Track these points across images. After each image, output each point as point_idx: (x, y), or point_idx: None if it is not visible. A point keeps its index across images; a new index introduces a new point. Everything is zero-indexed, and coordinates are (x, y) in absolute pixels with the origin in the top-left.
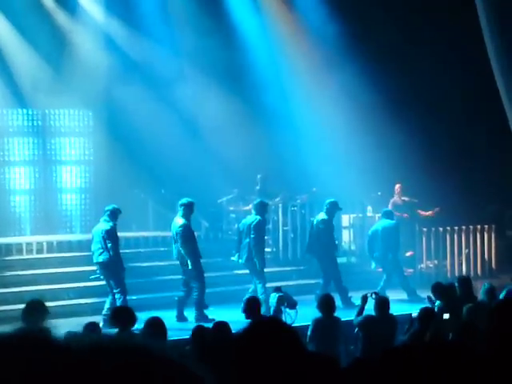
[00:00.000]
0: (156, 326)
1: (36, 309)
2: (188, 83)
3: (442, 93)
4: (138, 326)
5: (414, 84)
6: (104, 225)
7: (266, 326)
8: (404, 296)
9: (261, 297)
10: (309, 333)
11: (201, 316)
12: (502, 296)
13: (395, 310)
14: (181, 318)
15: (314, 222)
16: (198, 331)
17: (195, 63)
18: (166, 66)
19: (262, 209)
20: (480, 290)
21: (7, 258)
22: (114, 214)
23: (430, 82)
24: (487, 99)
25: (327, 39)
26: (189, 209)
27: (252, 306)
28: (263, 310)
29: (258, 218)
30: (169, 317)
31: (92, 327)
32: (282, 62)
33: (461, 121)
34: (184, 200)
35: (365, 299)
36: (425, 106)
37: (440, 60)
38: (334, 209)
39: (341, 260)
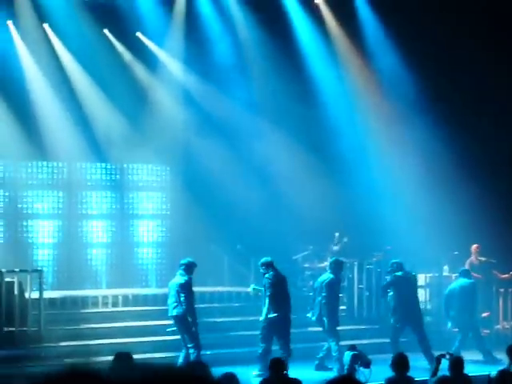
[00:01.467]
0: (230, 382)
1: (123, 360)
2: (264, 138)
3: None
4: None
5: (489, 146)
6: (179, 278)
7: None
8: (479, 357)
9: (334, 354)
10: None
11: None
12: None
13: (470, 370)
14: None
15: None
16: None
17: (271, 117)
18: (243, 120)
19: (336, 267)
20: None
21: (83, 311)
22: (190, 268)
23: (504, 144)
24: None
25: (401, 94)
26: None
27: (274, 366)
28: (336, 368)
29: (331, 276)
30: (242, 372)
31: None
32: (357, 115)
33: None
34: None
35: (439, 360)
36: (502, 167)
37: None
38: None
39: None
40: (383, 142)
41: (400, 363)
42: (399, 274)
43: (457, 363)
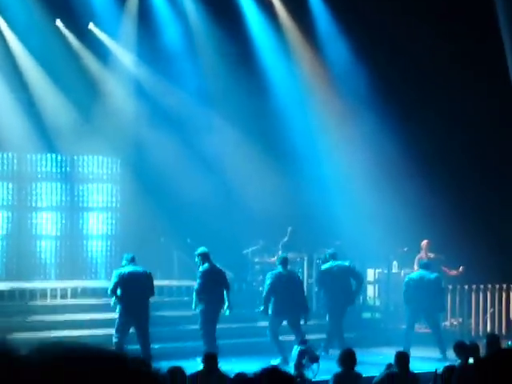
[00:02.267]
0: (176, 376)
1: None
2: (215, 130)
3: (469, 150)
4: None
5: (438, 141)
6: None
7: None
8: (429, 353)
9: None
10: None
11: None
12: None
13: (417, 367)
14: None
15: None
16: None
17: (222, 110)
18: (194, 113)
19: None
20: None
21: (31, 303)
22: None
23: (454, 139)
24: None
25: (352, 88)
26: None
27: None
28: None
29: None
30: (191, 366)
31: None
32: (308, 109)
33: (490, 180)
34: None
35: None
36: (451, 162)
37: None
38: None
39: (365, 315)
40: (333, 136)
41: (347, 359)
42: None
43: (402, 358)
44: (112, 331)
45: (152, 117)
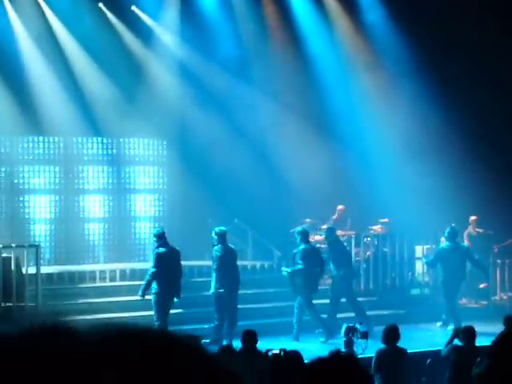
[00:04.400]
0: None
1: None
2: (259, 109)
3: None
4: None
5: (486, 120)
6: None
7: (341, 365)
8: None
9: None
10: (372, 364)
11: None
12: None
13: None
14: None
15: None
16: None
17: (268, 90)
18: (238, 92)
19: (303, 236)
20: None
21: (81, 286)
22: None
23: (502, 118)
24: None
25: (396, 60)
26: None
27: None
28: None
29: (304, 246)
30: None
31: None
32: (351, 83)
33: None
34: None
35: (457, 332)
36: (503, 141)
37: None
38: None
39: (414, 291)
40: (376, 108)
41: (390, 335)
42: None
43: (468, 332)
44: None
45: (196, 97)
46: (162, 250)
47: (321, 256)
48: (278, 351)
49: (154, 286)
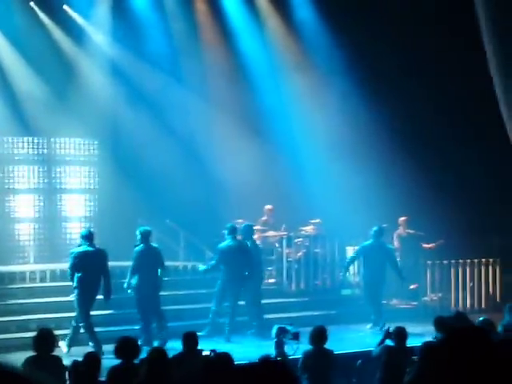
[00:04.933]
0: (158, 357)
1: (45, 338)
2: (191, 109)
3: (453, 127)
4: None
5: (419, 117)
6: None
7: (270, 370)
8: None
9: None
10: (299, 365)
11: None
12: (499, 330)
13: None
14: None
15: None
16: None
17: (199, 90)
18: (170, 92)
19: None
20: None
21: (10, 287)
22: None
23: (434, 116)
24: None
25: (326, 58)
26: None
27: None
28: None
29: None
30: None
31: (92, 356)
32: (283, 83)
33: (469, 155)
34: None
35: (387, 332)
36: (432, 141)
37: (447, 94)
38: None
39: (345, 292)
40: (308, 106)
41: (317, 336)
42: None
43: (400, 333)
44: (92, 313)
45: (128, 97)
46: (82, 249)
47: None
48: (208, 352)
49: (76, 286)
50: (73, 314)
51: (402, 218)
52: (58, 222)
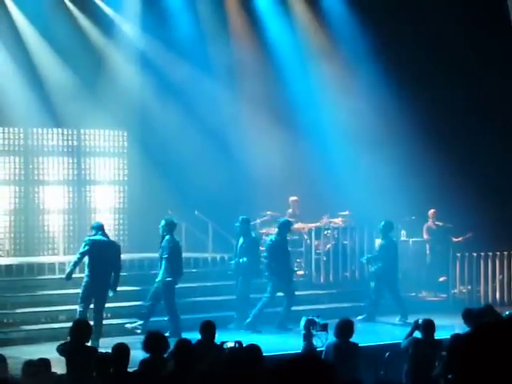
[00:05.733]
0: (183, 349)
1: (82, 328)
2: (220, 101)
3: (480, 117)
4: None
5: (447, 106)
6: None
7: (305, 364)
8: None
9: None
10: (322, 356)
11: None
12: None
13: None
14: None
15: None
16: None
17: (227, 81)
18: (200, 84)
19: (283, 228)
20: None
21: (40, 277)
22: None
23: (466, 107)
24: None
25: (354, 47)
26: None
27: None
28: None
29: (274, 237)
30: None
31: (120, 347)
32: (313, 76)
33: (496, 146)
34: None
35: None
36: (461, 131)
37: (474, 83)
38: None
39: (373, 284)
40: (336, 95)
41: (343, 329)
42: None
43: (428, 325)
44: (121, 304)
45: (157, 88)
46: (93, 238)
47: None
48: (233, 344)
49: (85, 274)
50: (109, 305)
51: (431, 211)
52: (87, 213)
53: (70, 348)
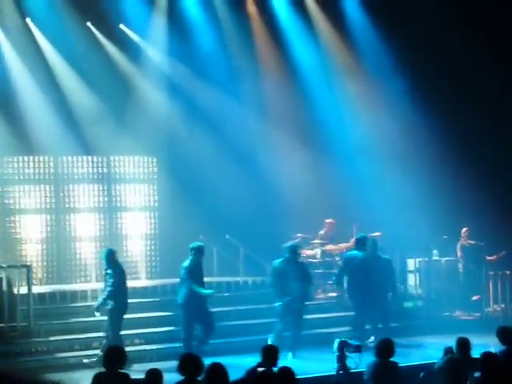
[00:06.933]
0: (215, 373)
1: (115, 355)
2: (250, 125)
3: (500, 134)
4: None
5: (480, 124)
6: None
7: None
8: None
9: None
10: (364, 376)
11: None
12: None
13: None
14: None
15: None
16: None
17: (255, 104)
18: (228, 109)
19: (361, 244)
20: None
21: (72, 305)
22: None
23: (496, 121)
24: None
25: (382, 67)
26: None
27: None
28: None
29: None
30: (235, 361)
31: (153, 373)
32: (343, 101)
33: None
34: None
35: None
36: (493, 148)
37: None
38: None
39: (407, 304)
40: (362, 112)
41: (383, 348)
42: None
43: (463, 344)
44: (157, 330)
45: (185, 114)
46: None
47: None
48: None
49: (112, 302)
50: (136, 332)
51: (464, 229)
52: (118, 240)
53: (103, 375)
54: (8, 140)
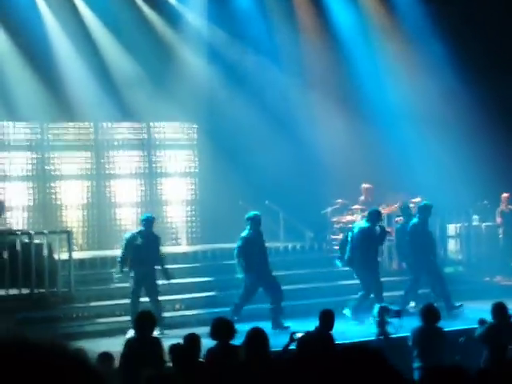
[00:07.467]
0: (256, 337)
1: (145, 320)
2: (289, 90)
3: None
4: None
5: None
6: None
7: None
8: None
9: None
10: (410, 343)
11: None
12: None
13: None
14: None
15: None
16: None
17: (295, 69)
18: (268, 74)
19: (373, 217)
20: None
21: (113, 271)
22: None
23: None
24: None
25: (421, 31)
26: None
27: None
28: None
29: (367, 225)
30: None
31: (192, 337)
32: (382, 64)
33: None
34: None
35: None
36: None
37: None
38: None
39: (448, 270)
40: (414, 93)
41: (428, 313)
42: None
43: (500, 309)
44: (193, 296)
45: (225, 79)
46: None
47: None
48: (302, 333)
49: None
50: (176, 297)
51: (504, 195)
52: (159, 206)
53: (135, 340)
54: (49, 107)
